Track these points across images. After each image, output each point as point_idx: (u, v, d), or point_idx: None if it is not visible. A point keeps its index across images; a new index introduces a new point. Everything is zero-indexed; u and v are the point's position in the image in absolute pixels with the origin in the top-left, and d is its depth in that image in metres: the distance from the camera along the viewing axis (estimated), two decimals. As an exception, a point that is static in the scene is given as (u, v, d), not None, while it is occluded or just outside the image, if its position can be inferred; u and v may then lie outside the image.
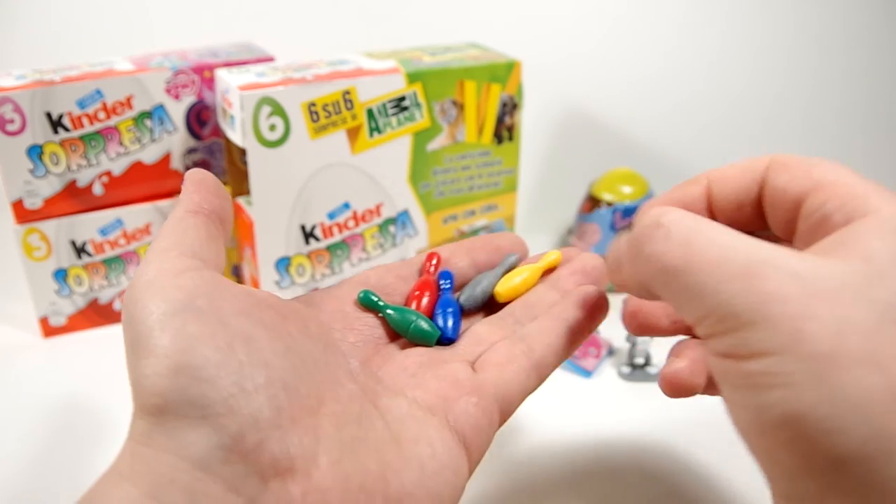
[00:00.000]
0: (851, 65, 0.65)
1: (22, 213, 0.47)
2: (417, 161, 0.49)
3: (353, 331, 0.28)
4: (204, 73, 0.49)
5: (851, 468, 0.18)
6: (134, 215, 0.50)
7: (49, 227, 0.48)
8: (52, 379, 0.46)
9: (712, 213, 0.27)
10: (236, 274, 0.55)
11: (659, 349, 0.49)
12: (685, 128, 0.67)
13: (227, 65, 0.50)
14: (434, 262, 0.31)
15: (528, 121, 0.59)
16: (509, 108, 0.51)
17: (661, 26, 0.65)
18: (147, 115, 0.49)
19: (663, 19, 0.64)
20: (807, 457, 0.19)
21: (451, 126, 0.49)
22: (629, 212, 0.55)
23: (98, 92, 0.47)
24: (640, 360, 0.47)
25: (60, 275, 0.49)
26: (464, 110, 0.49)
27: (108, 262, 0.50)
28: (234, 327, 0.22)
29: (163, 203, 0.51)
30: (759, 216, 0.26)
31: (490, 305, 0.31)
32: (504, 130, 0.51)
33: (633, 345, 0.47)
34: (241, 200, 0.50)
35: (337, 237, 0.49)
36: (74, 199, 0.48)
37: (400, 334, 0.28)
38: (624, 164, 0.63)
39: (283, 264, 0.48)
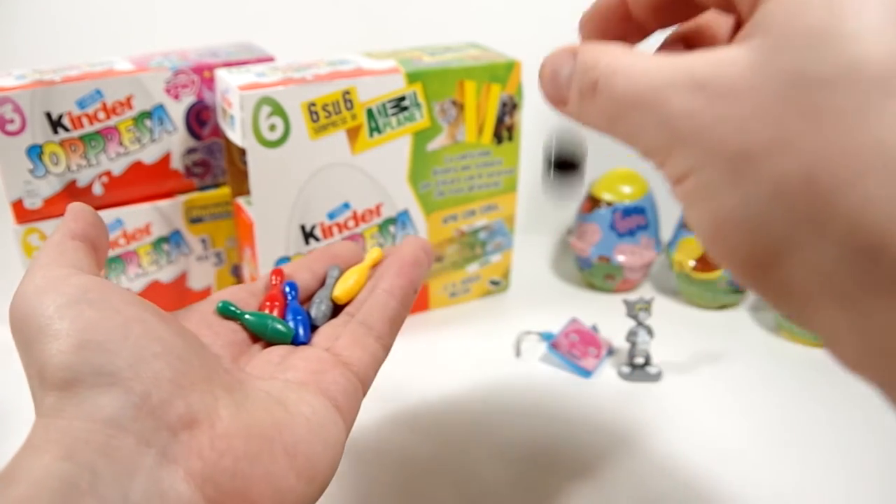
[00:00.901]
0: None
1: (22, 213, 0.47)
2: (417, 161, 0.49)
3: (219, 336, 0.30)
4: (204, 73, 0.49)
5: (795, 252, 0.18)
6: (134, 215, 0.50)
7: (49, 227, 0.48)
8: (51, 379, 0.46)
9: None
10: (236, 274, 0.55)
11: (659, 349, 0.49)
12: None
13: (227, 65, 0.50)
14: (278, 277, 0.35)
15: (528, 121, 0.59)
16: (509, 108, 0.51)
17: (661, 26, 0.65)
18: (147, 115, 0.49)
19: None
20: (749, 256, 0.19)
21: (450, 126, 0.49)
22: (629, 212, 0.55)
23: (98, 92, 0.47)
24: (640, 360, 0.47)
25: (60, 275, 0.49)
26: (464, 110, 0.49)
27: (108, 263, 0.50)
28: (126, 312, 0.25)
29: (163, 203, 0.51)
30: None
31: (336, 314, 0.35)
32: (504, 130, 0.51)
33: (633, 345, 0.47)
34: (241, 200, 0.50)
35: (337, 237, 0.49)
36: (74, 199, 0.48)
37: (259, 337, 0.31)
38: (624, 164, 0.63)
39: (283, 264, 0.48)
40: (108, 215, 0.49)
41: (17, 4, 0.65)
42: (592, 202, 0.56)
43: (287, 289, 0.34)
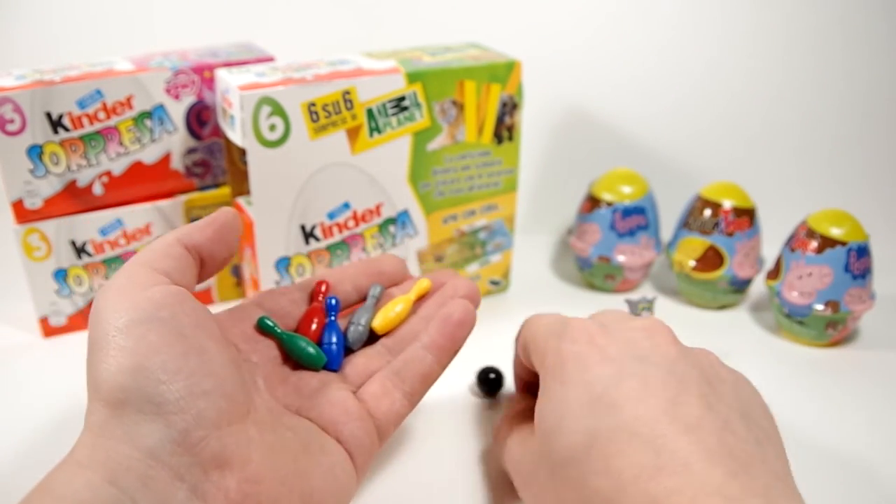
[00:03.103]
0: (851, 64, 0.65)
1: (22, 213, 0.47)
2: (417, 161, 0.49)
3: (256, 352, 0.32)
4: (204, 73, 0.49)
5: None
6: (134, 215, 0.50)
7: (49, 227, 0.48)
8: (52, 379, 0.46)
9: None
10: (236, 274, 0.55)
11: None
12: (685, 128, 0.67)
13: (227, 65, 0.50)
14: (323, 289, 0.36)
15: (528, 121, 0.59)
16: (509, 108, 0.51)
17: (661, 26, 0.65)
18: (147, 115, 0.49)
19: (664, 19, 0.64)
20: None
21: (450, 126, 0.49)
22: (629, 212, 0.55)
23: (98, 92, 0.47)
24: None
25: (60, 275, 0.49)
26: (464, 110, 0.49)
27: (108, 262, 0.50)
28: (190, 339, 0.26)
29: (163, 203, 0.51)
30: None
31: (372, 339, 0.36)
32: (504, 130, 0.51)
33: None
34: (241, 200, 0.50)
35: (337, 237, 0.49)
36: (74, 199, 0.48)
37: (291, 357, 0.33)
38: (624, 164, 0.63)
39: (283, 264, 0.48)
40: (107, 215, 0.49)
41: (17, 4, 0.65)
42: (592, 202, 0.56)
43: (332, 302, 0.35)
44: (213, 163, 0.52)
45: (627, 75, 0.66)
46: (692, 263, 0.54)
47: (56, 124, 0.46)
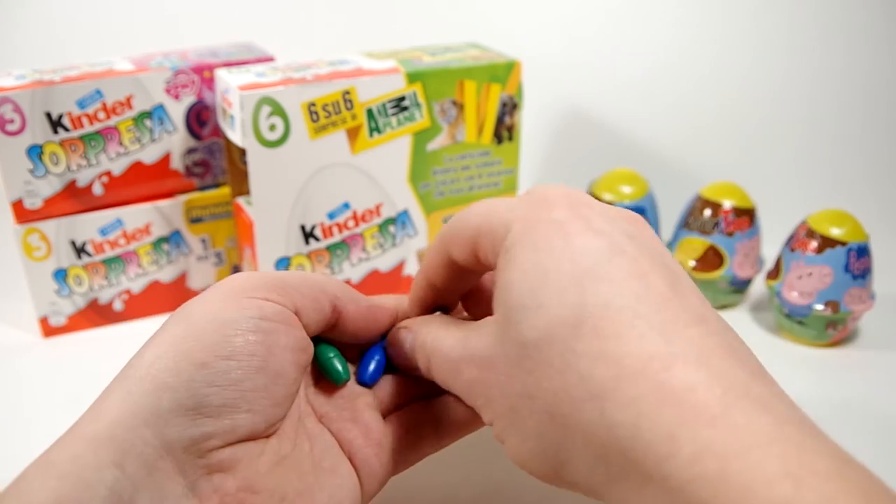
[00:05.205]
0: (851, 64, 0.65)
1: (22, 213, 0.47)
2: (417, 161, 0.49)
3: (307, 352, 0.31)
4: (204, 73, 0.49)
5: None
6: (134, 215, 0.50)
7: (49, 227, 0.48)
8: (52, 379, 0.46)
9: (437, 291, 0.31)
10: (236, 274, 0.55)
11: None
12: (685, 128, 0.67)
13: (227, 65, 0.50)
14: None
15: (528, 121, 0.59)
16: (509, 108, 0.51)
17: (661, 26, 0.65)
18: (147, 115, 0.49)
19: (664, 19, 0.64)
20: (543, 471, 0.25)
21: (450, 126, 0.49)
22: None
23: (98, 92, 0.47)
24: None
25: (60, 275, 0.49)
26: (464, 110, 0.49)
27: (107, 262, 0.50)
28: (274, 358, 0.26)
29: (163, 203, 0.51)
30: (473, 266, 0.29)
31: None
32: (504, 130, 0.51)
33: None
34: (241, 200, 0.50)
35: (337, 237, 0.49)
36: (74, 199, 0.48)
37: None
38: (624, 164, 0.63)
39: (283, 264, 0.48)
40: (107, 215, 0.49)
41: (17, 4, 0.65)
42: (592, 202, 0.56)
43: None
44: (213, 163, 0.52)
45: (627, 75, 0.66)
46: (692, 263, 0.54)
47: (56, 124, 0.46)
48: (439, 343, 0.27)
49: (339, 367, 0.30)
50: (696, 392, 0.20)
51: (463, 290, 0.31)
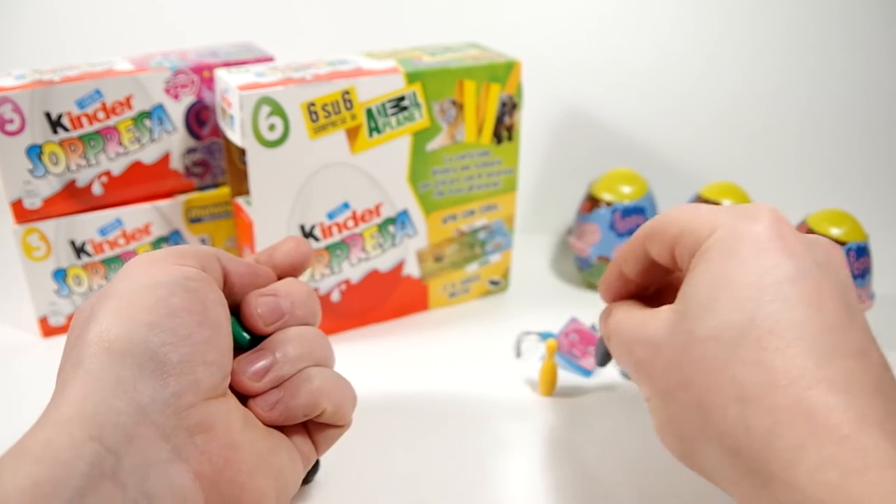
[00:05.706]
0: (851, 64, 0.65)
1: (21, 213, 0.47)
2: (417, 161, 0.49)
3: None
4: (203, 73, 0.49)
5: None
6: (133, 215, 0.50)
7: (48, 227, 0.48)
8: (51, 379, 0.46)
9: (631, 281, 0.34)
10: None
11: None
12: (685, 128, 0.67)
13: (227, 65, 0.50)
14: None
15: (527, 121, 0.59)
16: (509, 107, 0.51)
17: (661, 26, 0.65)
18: (146, 115, 0.49)
19: (663, 19, 0.64)
20: (679, 452, 0.29)
21: (450, 126, 0.49)
22: (629, 212, 0.55)
23: (97, 92, 0.47)
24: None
25: (60, 275, 0.49)
26: (463, 110, 0.49)
27: (107, 262, 0.50)
28: (209, 313, 0.27)
29: (162, 203, 0.51)
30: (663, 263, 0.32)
31: None
32: (503, 130, 0.51)
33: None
34: (240, 200, 0.50)
35: (336, 237, 0.49)
36: (74, 199, 0.48)
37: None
38: (624, 164, 0.63)
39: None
40: (107, 215, 0.49)
41: (17, 4, 0.65)
42: (592, 202, 0.56)
43: None
44: (213, 163, 0.52)
45: (627, 75, 0.66)
46: (692, 263, 0.54)
47: (55, 124, 0.46)
48: (620, 325, 0.31)
49: (242, 331, 0.31)
50: (832, 414, 0.22)
51: (650, 284, 0.34)
